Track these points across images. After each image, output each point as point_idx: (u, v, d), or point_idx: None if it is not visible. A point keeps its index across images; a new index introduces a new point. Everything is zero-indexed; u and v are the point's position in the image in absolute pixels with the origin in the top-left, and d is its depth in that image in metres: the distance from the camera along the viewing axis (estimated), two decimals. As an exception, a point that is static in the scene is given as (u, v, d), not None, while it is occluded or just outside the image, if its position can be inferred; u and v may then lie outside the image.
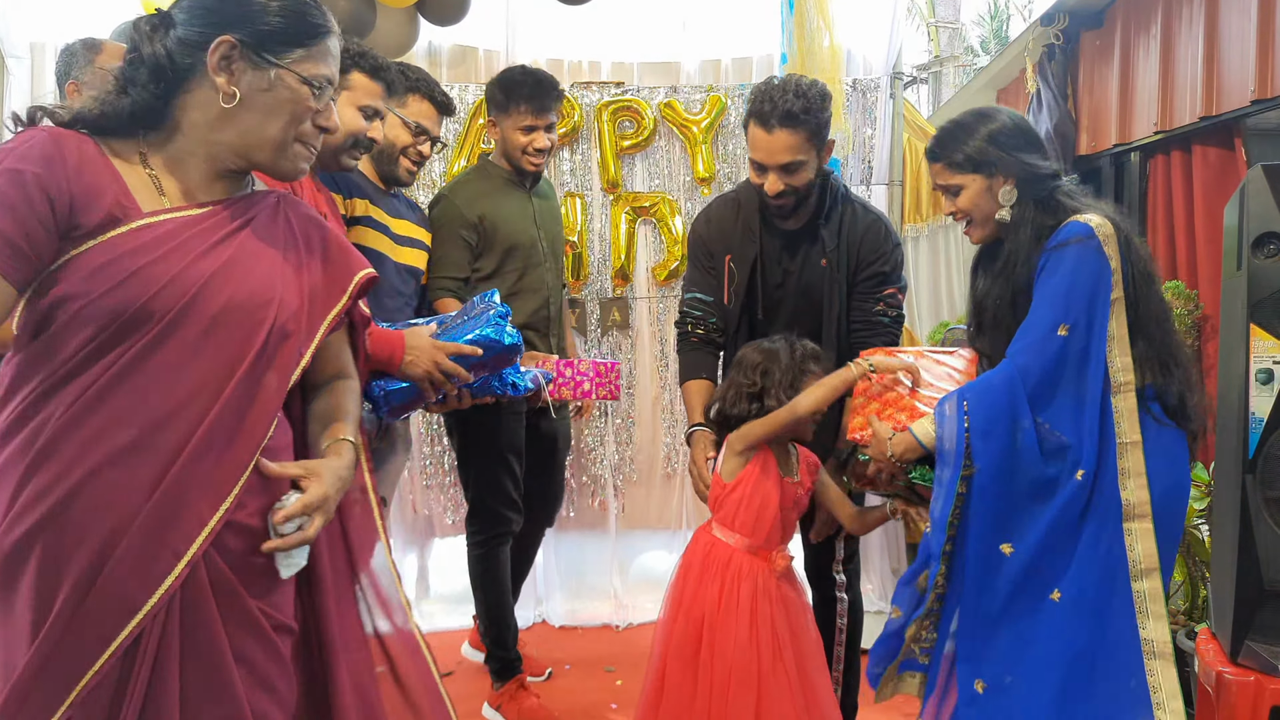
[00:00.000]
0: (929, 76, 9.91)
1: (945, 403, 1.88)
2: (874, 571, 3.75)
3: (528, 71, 2.78)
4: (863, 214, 2.35)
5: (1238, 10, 2.72)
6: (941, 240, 3.90)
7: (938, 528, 1.87)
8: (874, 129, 3.73)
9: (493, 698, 2.85)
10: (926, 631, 1.94)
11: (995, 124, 1.91)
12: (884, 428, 1.94)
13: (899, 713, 2.85)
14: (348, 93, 2.04)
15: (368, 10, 3.13)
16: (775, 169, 2.20)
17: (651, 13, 3.74)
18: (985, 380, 1.88)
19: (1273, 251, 2.20)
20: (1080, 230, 1.82)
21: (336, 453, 1.38)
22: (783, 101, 2.14)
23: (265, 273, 1.31)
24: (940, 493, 1.87)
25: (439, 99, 2.52)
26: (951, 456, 1.83)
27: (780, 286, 2.37)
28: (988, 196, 1.92)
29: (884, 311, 2.32)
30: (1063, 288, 1.81)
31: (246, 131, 1.28)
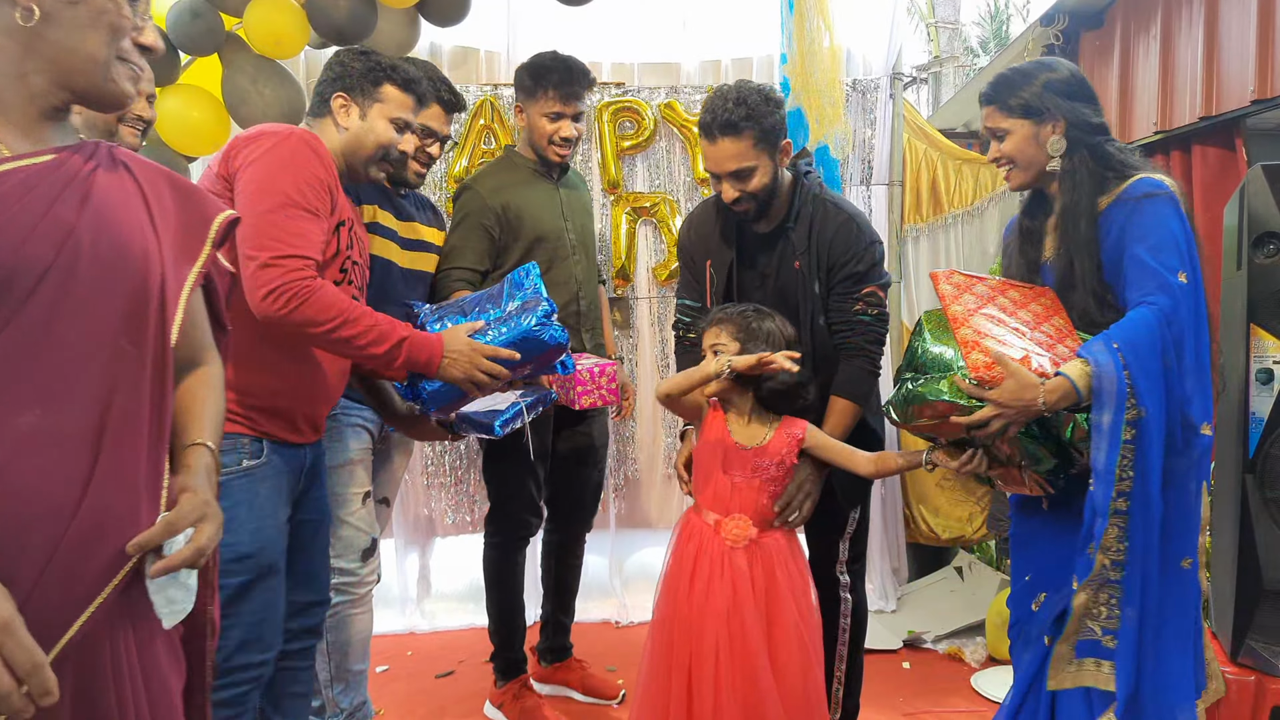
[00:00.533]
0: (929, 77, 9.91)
1: (1091, 345, 1.72)
2: (875, 571, 3.75)
3: (558, 57, 2.70)
4: (834, 213, 2.31)
5: (1238, 10, 2.72)
6: (941, 239, 3.90)
7: (1104, 479, 1.69)
8: (874, 129, 3.73)
9: (494, 696, 2.85)
10: (1107, 606, 1.73)
11: (1054, 73, 1.90)
12: (1030, 373, 1.70)
13: (899, 712, 2.86)
14: (379, 105, 2.03)
15: (369, 11, 3.12)
16: (726, 177, 2.23)
17: (651, 13, 3.74)
18: (1130, 321, 1.72)
19: (1272, 251, 2.21)
20: (1160, 186, 1.79)
21: (192, 466, 1.22)
22: (722, 111, 2.18)
23: (133, 221, 1.16)
24: (1102, 440, 1.68)
25: (445, 99, 2.48)
26: (1112, 398, 1.66)
27: (759, 289, 2.37)
28: (1034, 143, 1.89)
29: (864, 310, 2.29)
30: (1169, 236, 1.75)
31: (62, 54, 1.11)
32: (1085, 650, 1.77)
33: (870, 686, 2.82)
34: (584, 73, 2.70)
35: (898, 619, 3.59)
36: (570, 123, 2.69)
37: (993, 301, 1.84)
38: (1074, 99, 1.87)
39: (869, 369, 2.31)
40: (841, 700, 2.42)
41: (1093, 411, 1.70)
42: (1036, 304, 1.86)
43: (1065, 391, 1.69)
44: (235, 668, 1.76)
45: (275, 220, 1.76)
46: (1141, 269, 1.75)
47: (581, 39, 3.71)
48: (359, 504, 2.33)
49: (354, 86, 2.01)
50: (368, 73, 2.02)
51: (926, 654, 3.34)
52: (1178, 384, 1.71)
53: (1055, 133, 1.87)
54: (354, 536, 2.33)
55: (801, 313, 2.29)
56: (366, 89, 2.02)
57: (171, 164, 3.07)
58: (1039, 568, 1.95)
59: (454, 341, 1.96)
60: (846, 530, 2.38)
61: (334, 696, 2.37)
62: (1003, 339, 1.76)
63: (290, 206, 1.77)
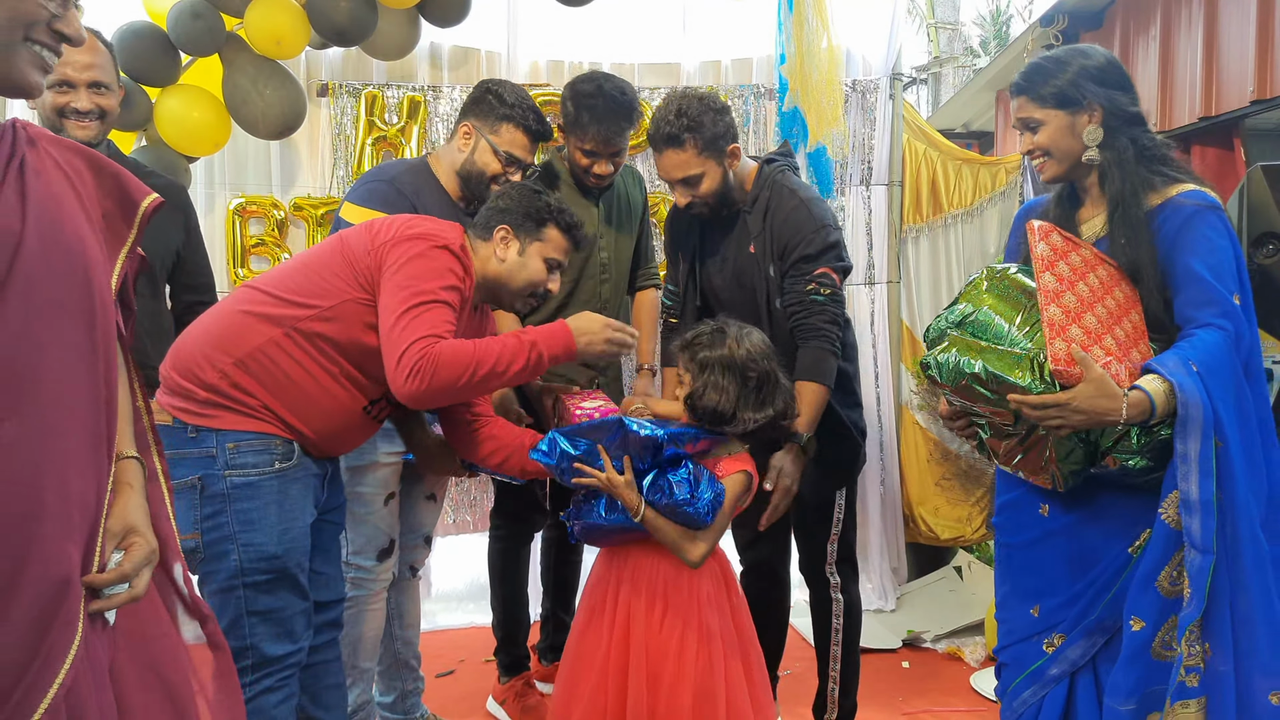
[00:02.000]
0: (929, 77, 9.93)
1: (1167, 363, 1.62)
2: (874, 571, 3.75)
3: (604, 93, 2.53)
4: (788, 198, 2.35)
5: (1237, 11, 2.72)
6: (941, 239, 3.90)
7: (1205, 510, 1.58)
8: (874, 129, 3.73)
9: (498, 692, 2.86)
10: (1190, 644, 1.62)
11: (1089, 60, 1.82)
12: (1112, 382, 1.58)
13: (898, 712, 2.86)
14: (539, 244, 2.11)
15: (369, 11, 3.13)
16: (676, 184, 2.34)
17: (651, 13, 3.74)
18: (1205, 344, 1.63)
19: (1272, 252, 2.21)
20: (1212, 200, 1.74)
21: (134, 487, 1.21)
22: (664, 124, 2.28)
23: (70, 213, 1.12)
24: (1191, 470, 1.58)
25: (533, 128, 2.44)
26: (1198, 425, 1.57)
27: (719, 273, 2.45)
28: (1070, 134, 1.81)
29: (816, 290, 2.28)
30: (1227, 257, 1.70)
31: None
32: (1175, 696, 1.64)
33: (869, 686, 2.82)
34: (628, 113, 2.56)
35: (897, 618, 3.60)
36: (607, 162, 2.60)
37: (1084, 279, 1.70)
38: (1110, 87, 1.80)
39: (828, 349, 2.27)
40: (838, 699, 2.42)
41: (1176, 440, 1.60)
42: (1119, 290, 1.74)
43: (1144, 409, 1.59)
44: (273, 659, 1.86)
45: (413, 317, 1.86)
46: (1201, 286, 1.68)
47: (582, 39, 3.72)
48: (381, 504, 2.35)
49: (519, 224, 2.09)
50: (535, 212, 2.10)
51: (926, 653, 3.34)
52: (1249, 412, 1.65)
53: (1092, 122, 1.79)
54: (374, 535, 2.35)
55: (758, 296, 2.35)
56: (530, 228, 2.09)
57: (172, 164, 3.07)
58: (1050, 603, 1.87)
59: (579, 321, 2.04)
60: (833, 531, 2.38)
61: None
62: (1090, 330, 1.65)
63: (431, 303, 1.88)
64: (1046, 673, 1.85)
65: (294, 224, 3.51)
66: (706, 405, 1.94)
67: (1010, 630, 1.94)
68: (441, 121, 3.56)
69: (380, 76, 3.58)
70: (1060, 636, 1.83)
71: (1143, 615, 1.67)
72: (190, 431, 1.82)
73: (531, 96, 2.51)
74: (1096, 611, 1.79)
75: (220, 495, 1.81)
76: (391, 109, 3.54)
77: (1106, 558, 1.79)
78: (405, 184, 2.36)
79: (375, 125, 3.51)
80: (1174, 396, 1.58)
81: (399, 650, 2.57)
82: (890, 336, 3.79)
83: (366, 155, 3.50)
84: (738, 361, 1.94)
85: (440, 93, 3.57)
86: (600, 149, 2.56)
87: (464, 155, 2.43)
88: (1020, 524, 1.94)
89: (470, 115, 2.45)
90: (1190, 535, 1.59)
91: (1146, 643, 1.67)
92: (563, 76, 3.71)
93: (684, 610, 1.93)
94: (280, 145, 3.48)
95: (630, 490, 1.91)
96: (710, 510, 1.90)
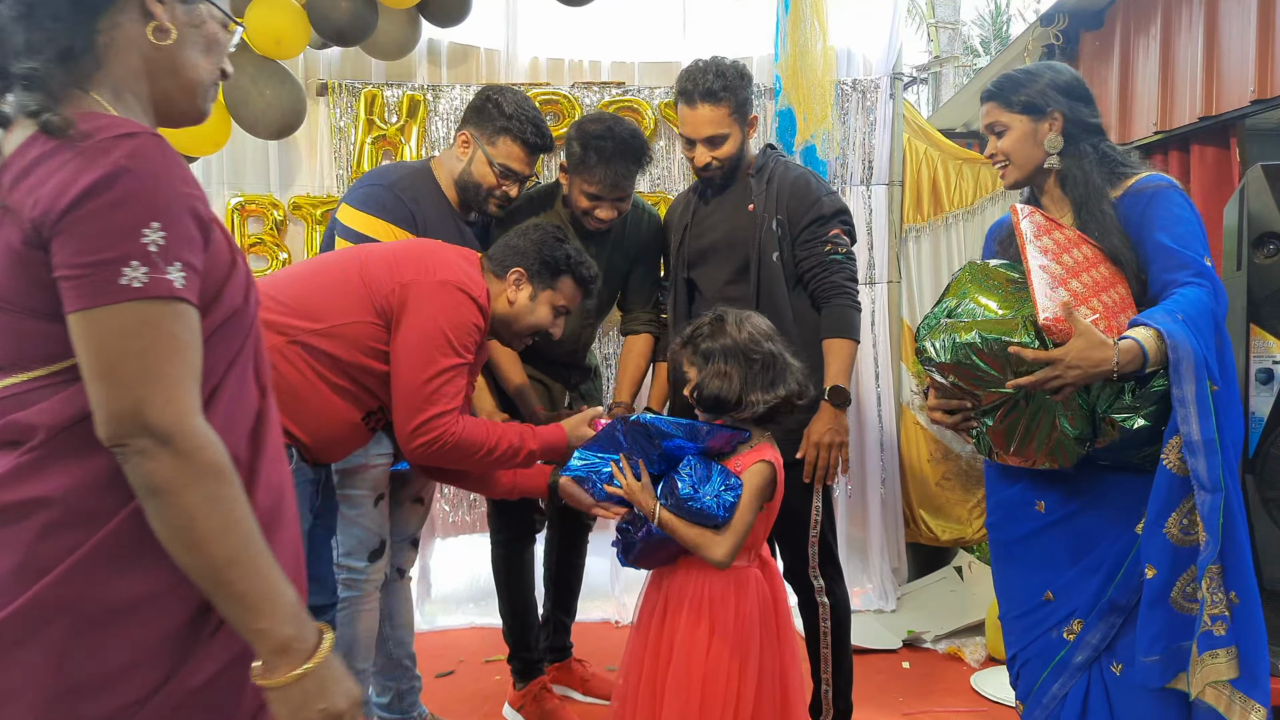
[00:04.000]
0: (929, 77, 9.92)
1: (1154, 315, 1.66)
2: (874, 572, 3.75)
3: (615, 135, 2.44)
4: (793, 167, 2.50)
5: (1238, 10, 2.72)
6: (943, 238, 3.90)
7: (1208, 449, 1.60)
8: (874, 129, 3.73)
9: (514, 698, 2.85)
10: (1213, 591, 1.61)
11: (1057, 74, 1.92)
12: (1101, 334, 1.62)
13: (898, 712, 2.86)
14: (551, 292, 2.16)
15: (369, 11, 3.13)
16: (701, 142, 2.40)
17: (651, 13, 3.75)
18: (1185, 298, 1.68)
19: (1272, 252, 2.21)
20: (1169, 180, 1.81)
21: None
22: (703, 80, 2.36)
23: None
24: (1190, 411, 1.61)
25: (531, 141, 2.40)
26: (1191, 368, 1.60)
27: (712, 232, 2.50)
28: (1032, 140, 1.90)
29: (833, 250, 2.39)
30: (1192, 222, 1.76)
31: (175, 72, 1.16)
32: (1202, 646, 1.63)
33: (869, 686, 2.82)
34: (637, 159, 2.49)
35: (897, 619, 3.59)
36: (610, 206, 2.50)
37: (1068, 252, 1.76)
38: (1073, 98, 1.89)
39: (850, 304, 2.39)
40: (832, 701, 2.42)
41: (1173, 385, 1.61)
42: (1104, 267, 1.79)
43: (1135, 355, 1.60)
44: None
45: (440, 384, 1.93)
46: (1171, 255, 1.73)
47: (582, 38, 3.73)
48: (371, 506, 2.35)
49: (536, 270, 2.13)
50: (553, 262, 2.14)
51: (926, 654, 3.34)
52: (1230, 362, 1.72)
53: (1053, 130, 1.88)
54: (365, 537, 2.35)
55: (751, 250, 2.41)
56: (546, 276, 2.13)
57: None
58: (1061, 585, 1.88)
59: (577, 429, 2.14)
60: (811, 534, 2.38)
61: None
62: (1076, 293, 1.69)
63: (455, 370, 1.96)
64: (1072, 661, 1.85)
65: (293, 223, 3.51)
66: (710, 394, 1.91)
67: (1027, 627, 1.94)
68: (441, 120, 3.56)
69: (379, 75, 3.58)
70: (1079, 622, 1.84)
71: (1154, 562, 1.67)
72: None
73: (535, 105, 2.47)
74: (1110, 591, 1.80)
75: None
76: (391, 108, 3.54)
77: (1108, 538, 1.81)
78: (404, 190, 2.35)
79: (375, 124, 3.51)
80: (1163, 342, 1.60)
81: (391, 650, 2.58)
82: (890, 336, 3.78)
83: (366, 154, 3.50)
84: (740, 346, 1.92)
85: (440, 92, 3.56)
86: (605, 193, 2.46)
87: (461, 165, 2.43)
88: (1016, 521, 1.97)
89: (470, 124, 2.44)
90: (1197, 476, 1.60)
91: (1164, 590, 1.66)
92: (563, 75, 3.71)
93: (725, 629, 1.90)
94: (279, 144, 3.48)
95: (646, 494, 1.91)
96: (722, 506, 1.86)
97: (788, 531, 2.40)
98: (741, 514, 1.87)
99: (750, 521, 1.89)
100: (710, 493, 1.86)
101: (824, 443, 2.30)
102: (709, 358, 1.94)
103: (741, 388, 1.90)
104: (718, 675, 1.88)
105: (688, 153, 2.46)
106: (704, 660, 1.88)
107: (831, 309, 2.38)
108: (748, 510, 1.88)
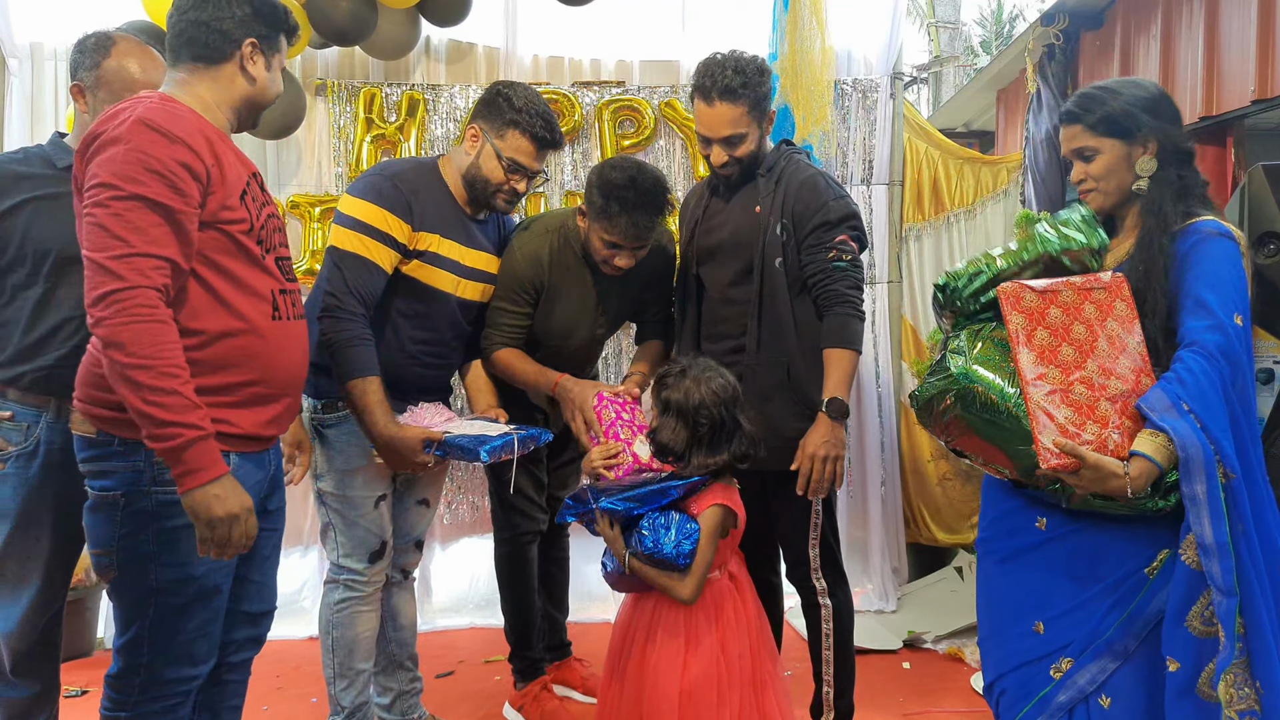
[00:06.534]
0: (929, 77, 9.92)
1: (1155, 406, 1.62)
2: (875, 572, 3.75)
3: (637, 185, 2.37)
4: (804, 168, 2.41)
5: (1238, 10, 2.72)
6: (944, 238, 3.90)
7: (1222, 553, 1.56)
8: (874, 129, 3.73)
9: (514, 698, 2.84)
10: (1238, 686, 1.57)
11: (1143, 91, 1.82)
12: (1110, 461, 1.61)
13: (898, 713, 2.86)
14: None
15: (369, 11, 3.13)
16: (718, 142, 2.34)
17: (652, 12, 3.74)
18: (1191, 374, 1.63)
19: (1273, 252, 2.21)
20: (1228, 230, 1.74)
21: None
22: (722, 77, 2.28)
23: None
24: (1202, 511, 1.57)
25: (540, 135, 2.37)
26: (1200, 466, 1.57)
27: (720, 230, 2.45)
28: (1124, 165, 1.80)
29: (838, 257, 2.31)
30: (1230, 276, 1.70)
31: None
32: None
33: (870, 686, 2.82)
34: (660, 209, 2.42)
35: (898, 619, 3.59)
36: (630, 254, 2.46)
37: (1070, 329, 1.69)
38: (1164, 120, 1.79)
39: (853, 314, 2.31)
40: (833, 702, 2.42)
41: (1183, 483, 1.59)
42: (1112, 321, 1.71)
43: (1149, 474, 1.60)
44: (165, 681, 1.72)
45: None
46: (1201, 300, 1.68)
47: (582, 37, 3.72)
48: (371, 507, 2.35)
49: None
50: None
51: (926, 654, 3.34)
52: (1247, 429, 1.65)
53: (1147, 153, 1.79)
54: (365, 538, 2.35)
55: (755, 254, 2.36)
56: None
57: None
58: (1053, 616, 1.80)
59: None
60: (812, 536, 2.37)
61: (336, 694, 2.38)
62: (1078, 405, 1.65)
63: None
64: (1054, 700, 1.77)
65: (290, 221, 3.51)
66: (660, 442, 2.07)
67: (1008, 655, 1.85)
68: (440, 119, 3.56)
69: (378, 73, 3.58)
70: (1068, 660, 1.76)
71: (1177, 655, 1.62)
72: (117, 444, 1.66)
73: (545, 101, 2.44)
74: (1109, 632, 1.72)
75: (144, 513, 1.65)
76: (390, 107, 3.53)
77: (1112, 561, 1.73)
78: (405, 181, 2.34)
79: (374, 123, 3.51)
80: (1172, 443, 1.58)
81: (394, 652, 2.57)
82: (891, 336, 3.78)
83: (365, 153, 3.50)
84: (689, 409, 2.04)
85: (439, 91, 3.56)
86: (626, 243, 2.42)
87: (469, 159, 2.40)
88: (1013, 535, 1.88)
89: (479, 118, 2.42)
90: (1213, 579, 1.57)
91: (1189, 683, 1.62)
92: (563, 73, 3.71)
93: (698, 640, 2.02)
94: (278, 143, 3.48)
95: (618, 544, 2.05)
96: (681, 555, 1.98)
97: (789, 534, 2.39)
98: (701, 555, 2.00)
99: (710, 558, 2.02)
100: (671, 543, 1.98)
101: (818, 455, 2.21)
102: (666, 408, 2.07)
103: (686, 448, 2.05)
104: (700, 692, 1.98)
105: (704, 150, 2.40)
106: (681, 677, 1.99)
107: (833, 318, 2.30)
108: (706, 550, 2.01)
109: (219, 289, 1.68)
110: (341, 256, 2.27)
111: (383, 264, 2.29)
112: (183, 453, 1.54)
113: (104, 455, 1.66)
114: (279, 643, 3.28)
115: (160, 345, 1.54)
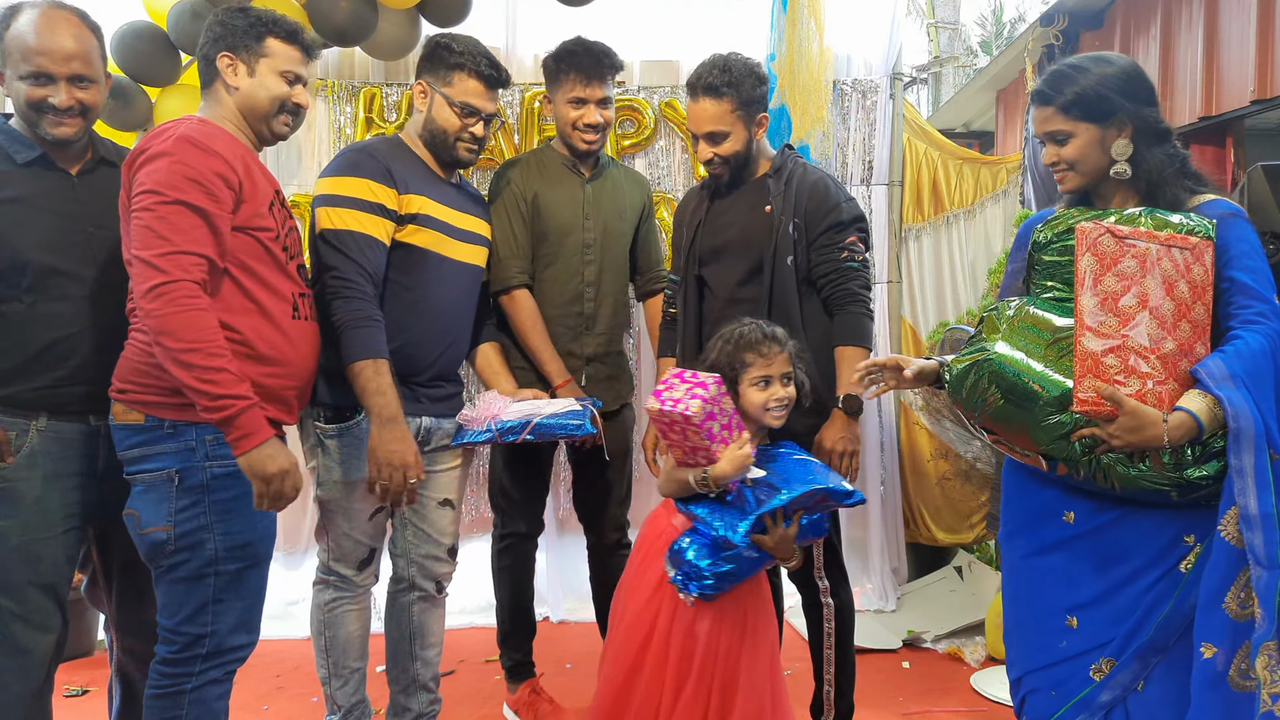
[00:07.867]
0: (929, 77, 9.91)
1: (1214, 373, 1.59)
2: (874, 572, 3.75)
3: (581, 41, 2.66)
4: (813, 171, 2.47)
5: (1237, 11, 2.72)
6: (944, 238, 3.90)
7: (1266, 525, 1.53)
8: (874, 129, 3.73)
9: (511, 700, 2.84)
10: (1272, 669, 1.54)
11: (1113, 69, 1.78)
12: (1149, 409, 1.58)
13: (898, 712, 2.86)
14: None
15: (369, 11, 3.13)
16: (703, 136, 2.41)
17: (652, 12, 3.74)
18: (1249, 350, 1.61)
19: (1273, 252, 2.21)
20: (1240, 210, 1.73)
21: None
22: (707, 75, 2.37)
23: None
24: (1248, 482, 1.55)
25: (486, 73, 2.37)
26: (1251, 440, 1.54)
27: (726, 230, 2.47)
28: (1099, 149, 1.78)
29: (850, 258, 2.38)
30: (1263, 261, 1.69)
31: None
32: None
33: (870, 686, 2.82)
34: (607, 54, 2.64)
35: (897, 619, 3.59)
36: (595, 108, 2.63)
37: (1138, 282, 1.63)
38: (1139, 101, 1.77)
39: (866, 313, 2.37)
40: (834, 701, 2.42)
41: (1230, 455, 1.57)
42: (1184, 283, 1.65)
43: (1189, 429, 1.58)
44: (228, 649, 1.89)
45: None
46: (1240, 289, 1.67)
47: (582, 35, 3.71)
48: (365, 520, 2.31)
49: (239, 46, 2.00)
50: (245, 29, 1.99)
51: (926, 654, 3.34)
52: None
53: (1122, 136, 1.77)
54: (355, 548, 2.32)
55: (764, 254, 2.39)
56: (251, 44, 2.00)
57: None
58: (1084, 606, 1.77)
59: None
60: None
61: (332, 693, 2.37)
62: (1134, 349, 1.61)
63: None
64: (1097, 700, 1.74)
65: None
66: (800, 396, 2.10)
67: (1037, 651, 1.82)
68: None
69: (378, 72, 3.58)
70: (1109, 661, 1.73)
71: (1213, 640, 1.59)
72: (167, 427, 1.84)
73: (485, 46, 2.42)
74: (1149, 632, 1.69)
75: (199, 487, 1.84)
76: (390, 107, 3.54)
77: (1144, 554, 1.71)
78: (378, 151, 2.31)
79: (373, 123, 3.51)
80: (1222, 409, 1.56)
81: (418, 672, 2.44)
82: (891, 336, 3.78)
83: (366, 154, 3.49)
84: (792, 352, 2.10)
85: (440, 92, 3.56)
86: (585, 93, 2.61)
87: (424, 116, 2.38)
88: (1039, 530, 1.84)
89: (423, 73, 2.39)
90: (1254, 551, 1.54)
91: (1221, 671, 1.58)
92: (562, 76, 3.70)
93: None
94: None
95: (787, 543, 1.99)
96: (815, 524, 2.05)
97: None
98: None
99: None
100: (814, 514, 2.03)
101: (836, 450, 2.27)
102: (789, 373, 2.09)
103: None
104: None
105: (695, 147, 2.48)
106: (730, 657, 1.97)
107: (845, 316, 2.35)
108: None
109: (250, 289, 1.91)
110: (338, 237, 2.19)
111: (380, 236, 2.24)
112: (236, 419, 1.76)
113: (154, 439, 1.84)
114: (279, 643, 3.29)
115: (205, 330, 1.76)
